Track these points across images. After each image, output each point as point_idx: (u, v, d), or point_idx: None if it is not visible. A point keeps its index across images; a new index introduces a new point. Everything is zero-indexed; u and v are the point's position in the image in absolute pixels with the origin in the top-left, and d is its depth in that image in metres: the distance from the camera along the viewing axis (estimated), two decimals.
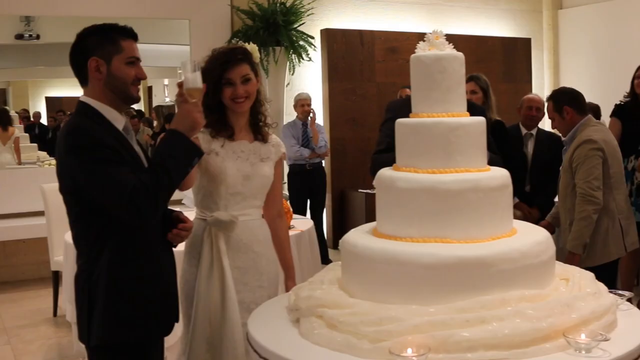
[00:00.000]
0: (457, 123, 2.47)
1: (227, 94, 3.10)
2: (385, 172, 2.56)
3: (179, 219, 2.83)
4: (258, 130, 3.27)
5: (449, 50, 2.54)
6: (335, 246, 9.05)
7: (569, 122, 4.64)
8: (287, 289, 3.29)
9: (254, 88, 3.15)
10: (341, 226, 9.12)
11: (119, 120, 2.69)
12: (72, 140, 2.55)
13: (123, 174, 2.49)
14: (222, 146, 3.12)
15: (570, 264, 4.39)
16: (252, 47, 3.23)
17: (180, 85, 2.62)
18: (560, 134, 4.97)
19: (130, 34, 2.72)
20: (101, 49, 2.65)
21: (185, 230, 2.81)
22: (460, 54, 2.54)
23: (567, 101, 4.65)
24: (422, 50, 2.55)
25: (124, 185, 2.46)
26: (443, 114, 2.50)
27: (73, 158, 2.53)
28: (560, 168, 4.74)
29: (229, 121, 3.17)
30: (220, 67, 3.09)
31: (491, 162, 3.99)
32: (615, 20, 10.05)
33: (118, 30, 2.70)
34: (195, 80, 2.61)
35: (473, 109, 4.02)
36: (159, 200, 2.51)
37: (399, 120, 2.58)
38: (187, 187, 3.02)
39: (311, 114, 8.01)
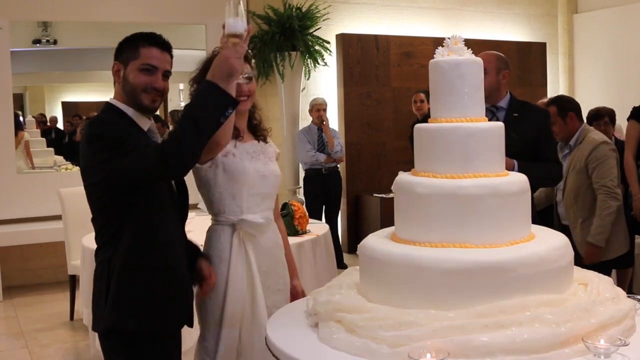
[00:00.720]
0: (475, 128, 2.47)
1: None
2: (403, 177, 2.57)
3: (202, 272, 2.96)
4: (258, 131, 3.25)
5: (468, 55, 2.54)
6: (351, 250, 9.06)
7: (571, 127, 4.91)
8: (293, 289, 3.30)
9: (254, 87, 3.14)
10: (356, 230, 9.13)
11: (143, 122, 2.75)
12: (94, 128, 2.64)
13: (146, 143, 2.59)
14: (235, 147, 3.08)
15: (591, 256, 4.67)
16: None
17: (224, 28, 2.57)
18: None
19: (154, 42, 2.75)
20: (123, 54, 2.75)
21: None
22: (479, 59, 2.54)
23: (571, 108, 4.91)
24: (440, 55, 2.55)
25: (149, 145, 2.57)
26: (462, 119, 2.49)
27: (95, 143, 2.59)
28: (569, 170, 4.87)
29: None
30: None
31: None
32: (630, 25, 10.02)
33: (143, 37, 2.75)
34: (236, 25, 2.54)
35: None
36: (186, 150, 2.47)
37: (418, 126, 2.59)
38: (218, 150, 2.90)
39: (324, 121, 8.02)
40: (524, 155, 3.98)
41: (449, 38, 2.59)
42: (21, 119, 9.19)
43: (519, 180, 2.51)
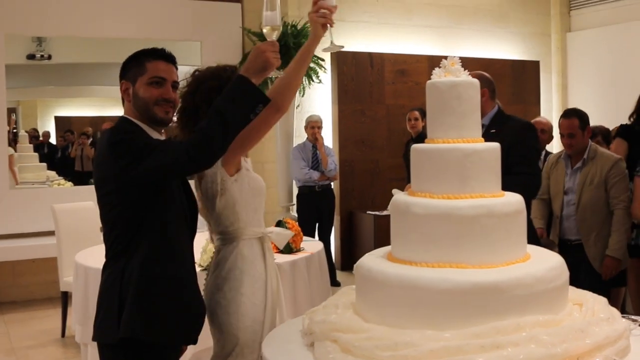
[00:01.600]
0: (472, 149, 2.48)
1: None
2: (400, 197, 2.57)
3: None
4: None
5: (465, 76, 2.56)
6: (344, 268, 9.06)
7: (586, 142, 5.00)
8: None
9: None
10: (349, 248, 9.13)
11: (156, 136, 2.77)
12: (114, 136, 2.65)
13: (167, 141, 2.63)
14: (246, 162, 3.11)
15: (612, 269, 4.80)
16: None
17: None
18: (567, 151, 5.03)
19: (159, 55, 2.78)
20: (129, 72, 2.77)
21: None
22: (476, 80, 2.56)
23: (588, 122, 5.02)
24: (437, 76, 2.56)
25: (170, 141, 2.63)
26: (458, 139, 2.51)
27: (116, 149, 2.60)
28: (584, 184, 4.93)
29: None
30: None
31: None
32: (622, 44, 10.08)
33: (147, 53, 2.79)
34: (274, 18, 2.65)
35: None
36: (211, 143, 2.50)
37: (415, 146, 2.60)
38: (250, 146, 3.01)
39: (317, 139, 8.03)
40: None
41: (445, 59, 2.60)
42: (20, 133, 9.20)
43: (515, 200, 2.52)
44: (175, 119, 2.94)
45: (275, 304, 3.07)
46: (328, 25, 2.92)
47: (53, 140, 9.93)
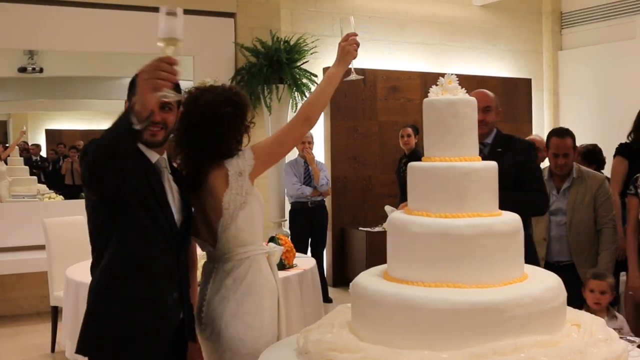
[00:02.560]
0: (469, 167, 2.47)
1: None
2: (397, 216, 2.56)
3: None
4: None
5: (462, 94, 2.55)
6: (336, 284, 9.02)
7: (575, 160, 5.08)
8: None
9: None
10: (341, 264, 9.11)
11: (151, 155, 2.80)
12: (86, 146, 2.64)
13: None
14: None
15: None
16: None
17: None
18: (557, 171, 5.03)
19: None
20: (129, 91, 2.79)
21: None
22: (473, 98, 2.55)
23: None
24: (434, 94, 2.56)
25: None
26: (455, 158, 2.50)
27: (82, 158, 2.60)
28: (574, 203, 4.96)
29: None
30: (245, 111, 3.14)
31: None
32: (614, 62, 10.14)
33: None
34: (173, 28, 2.37)
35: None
36: (90, 166, 2.45)
37: (412, 164, 2.59)
38: (281, 155, 3.22)
39: (308, 155, 8.01)
40: (507, 188, 3.99)
41: (442, 77, 2.60)
42: None
43: (512, 220, 2.51)
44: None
45: (284, 319, 3.12)
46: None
47: (44, 153, 9.89)
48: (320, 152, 9.00)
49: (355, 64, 3.18)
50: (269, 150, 3.03)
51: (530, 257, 4.18)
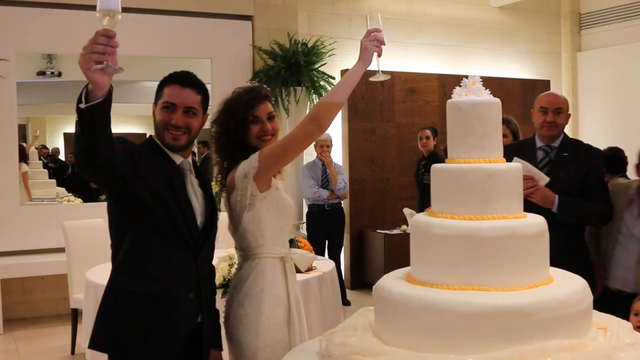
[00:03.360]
0: (494, 169, 2.45)
1: (254, 132, 3.04)
2: (420, 218, 2.54)
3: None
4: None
5: (486, 95, 2.53)
6: (354, 287, 9.00)
7: None
8: None
9: (278, 126, 3.13)
10: (359, 267, 9.08)
11: (176, 157, 2.84)
12: None
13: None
14: (277, 181, 3.09)
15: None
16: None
17: None
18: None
19: (175, 79, 2.81)
20: (156, 95, 2.84)
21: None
22: (497, 99, 2.53)
23: None
24: (458, 95, 2.53)
25: None
26: (480, 159, 2.47)
27: None
28: None
29: None
30: (246, 105, 3.05)
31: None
32: (633, 63, 10.06)
33: (168, 77, 2.85)
34: (109, 1, 2.28)
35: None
36: (81, 158, 2.38)
37: (435, 166, 2.56)
38: (286, 161, 3.04)
39: (325, 157, 8.00)
40: (571, 194, 4.00)
41: (466, 78, 2.57)
42: (25, 151, 9.21)
43: (538, 222, 2.48)
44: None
45: (297, 326, 3.03)
46: (377, 54, 3.01)
47: (62, 157, 9.93)
48: (338, 154, 8.99)
49: (373, 65, 3.08)
50: (274, 153, 2.92)
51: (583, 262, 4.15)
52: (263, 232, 3.00)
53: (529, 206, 3.75)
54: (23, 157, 8.84)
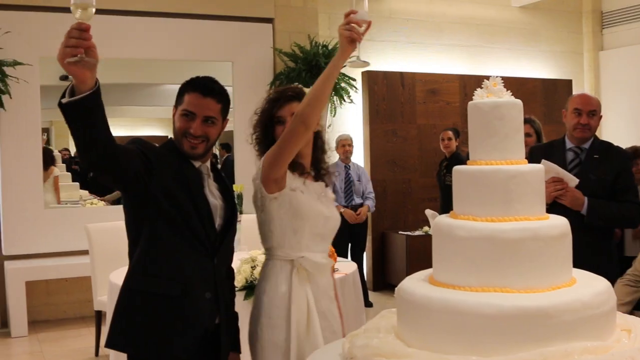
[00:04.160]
0: (516, 171, 2.44)
1: (278, 132, 3.04)
2: (442, 220, 2.53)
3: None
4: (322, 175, 3.21)
5: (507, 97, 2.52)
6: (376, 288, 9.00)
7: None
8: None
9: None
10: (382, 268, 9.08)
11: (194, 161, 2.86)
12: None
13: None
14: (304, 184, 3.06)
15: None
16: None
17: None
18: None
19: (196, 87, 2.82)
20: (177, 99, 2.86)
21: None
22: (519, 101, 2.52)
23: None
24: (479, 97, 2.53)
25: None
26: (501, 161, 2.46)
27: None
28: None
29: (295, 160, 3.08)
30: (272, 105, 3.09)
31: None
32: None
33: (189, 83, 2.86)
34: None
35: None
36: (84, 154, 2.40)
37: (457, 167, 2.56)
38: (282, 163, 2.94)
39: (348, 156, 8.03)
40: (601, 197, 4.00)
41: (487, 79, 2.57)
42: (54, 154, 9.31)
43: (560, 223, 2.47)
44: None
45: (303, 331, 3.00)
46: (357, 41, 2.77)
47: None
48: (359, 156, 9.00)
49: (394, 66, 3.02)
50: (272, 154, 2.92)
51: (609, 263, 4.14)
52: (272, 234, 3.03)
53: (558, 208, 3.77)
54: (52, 160, 8.94)
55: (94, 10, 2.26)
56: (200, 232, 2.81)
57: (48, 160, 8.79)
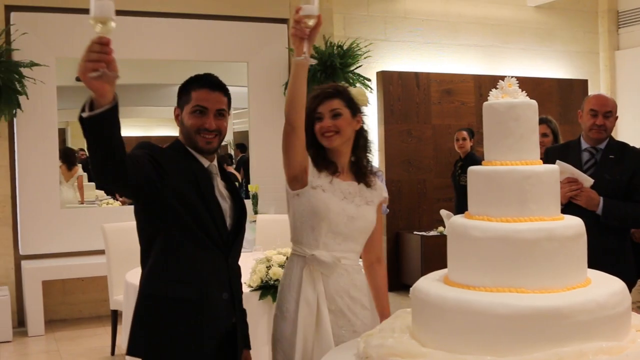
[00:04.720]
0: (531, 171, 2.44)
1: (317, 128, 3.07)
2: (457, 220, 2.54)
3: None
4: (362, 175, 3.20)
5: (523, 97, 2.52)
6: (391, 289, 8.94)
7: None
8: None
9: (344, 124, 3.11)
10: (397, 268, 9.06)
11: (204, 160, 2.87)
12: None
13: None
14: (330, 183, 3.06)
15: None
16: (357, 91, 3.23)
17: None
18: None
19: (203, 83, 2.82)
20: (180, 99, 2.87)
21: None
22: (534, 101, 2.52)
23: None
24: (494, 97, 2.53)
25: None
26: (516, 161, 2.47)
27: None
28: None
29: (330, 158, 3.12)
30: (312, 102, 3.08)
31: None
32: None
33: (194, 80, 2.86)
34: (101, 8, 2.25)
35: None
36: (101, 166, 2.39)
37: (472, 168, 2.56)
38: (290, 161, 2.96)
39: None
40: (617, 197, 4.00)
41: (502, 80, 2.57)
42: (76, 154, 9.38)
43: (576, 224, 2.47)
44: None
45: (311, 328, 3.01)
46: (302, 38, 2.74)
47: None
48: (374, 156, 8.98)
49: (409, 67, 3.01)
50: (283, 152, 2.98)
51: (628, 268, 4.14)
52: (293, 229, 3.09)
53: (573, 209, 3.77)
54: (73, 160, 9.01)
55: (114, 24, 2.25)
56: (213, 234, 2.83)
57: (73, 159, 8.87)
